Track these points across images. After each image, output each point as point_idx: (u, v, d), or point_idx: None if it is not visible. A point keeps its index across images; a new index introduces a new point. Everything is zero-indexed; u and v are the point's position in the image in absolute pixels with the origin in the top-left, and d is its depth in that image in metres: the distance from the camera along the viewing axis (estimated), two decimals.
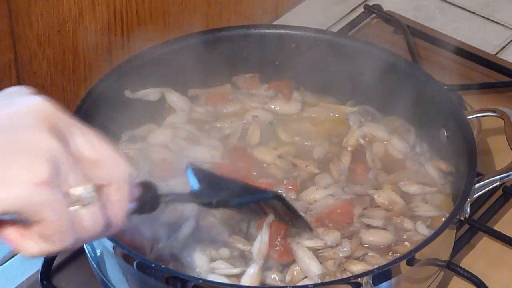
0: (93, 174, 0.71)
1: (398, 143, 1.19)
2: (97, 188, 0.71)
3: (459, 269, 1.12)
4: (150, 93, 1.22)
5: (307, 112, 1.25)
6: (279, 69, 1.27)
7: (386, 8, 1.56)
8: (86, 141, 0.71)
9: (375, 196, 1.11)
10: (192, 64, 1.23)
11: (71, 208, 0.69)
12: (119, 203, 0.73)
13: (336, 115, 1.24)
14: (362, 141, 1.19)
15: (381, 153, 1.18)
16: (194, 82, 1.25)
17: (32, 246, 0.69)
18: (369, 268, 1.01)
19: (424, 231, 1.07)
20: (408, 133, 1.21)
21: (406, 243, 1.06)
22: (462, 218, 1.06)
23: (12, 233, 0.69)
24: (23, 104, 0.69)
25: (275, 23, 1.54)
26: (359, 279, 0.95)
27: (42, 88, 1.27)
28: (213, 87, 1.27)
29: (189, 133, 1.20)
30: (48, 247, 0.69)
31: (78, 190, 0.69)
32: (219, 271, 1.01)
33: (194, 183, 0.96)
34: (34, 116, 0.68)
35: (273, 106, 1.25)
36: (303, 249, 1.03)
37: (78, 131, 0.71)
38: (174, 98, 1.23)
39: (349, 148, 1.19)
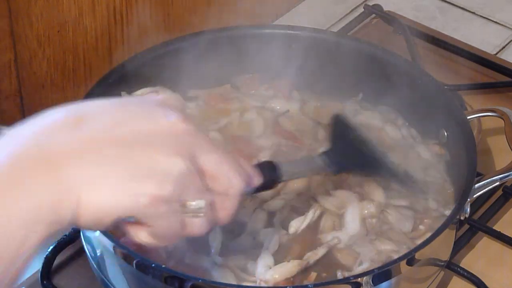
0: (209, 186, 0.78)
1: (391, 130, 1.21)
2: (210, 199, 0.78)
3: (459, 269, 1.12)
4: (145, 93, 1.22)
5: (307, 110, 1.25)
6: (279, 69, 1.27)
7: (386, 8, 1.56)
8: (210, 159, 0.78)
9: None
10: (192, 64, 1.23)
11: (184, 216, 0.77)
12: (227, 211, 0.80)
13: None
14: None
15: (375, 139, 1.19)
16: (194, 83, 1.25)
17: (143, 237, 0.77)
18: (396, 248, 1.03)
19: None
20: (398, 122, 1.22)
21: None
22: (462, 218, 1.06)
23: (131, 225, 0.77)
24: (164, 121, 0.76)
25: (275, 23, 1.54)
26: (359, 279, 0.95)
27: (42, 88, 1.27)
28: (213, 87, 1.27)
29: None
30: (155, 242, 0.78)
31: (194, 203, 0.77)
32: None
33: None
34: (170, 135, 0.76)
35: (273, 105, 1.25)
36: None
37: (205, 149, 0.78)
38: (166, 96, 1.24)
39: None
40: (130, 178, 0.73)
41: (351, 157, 1.07)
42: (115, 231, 0.97)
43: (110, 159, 0.72)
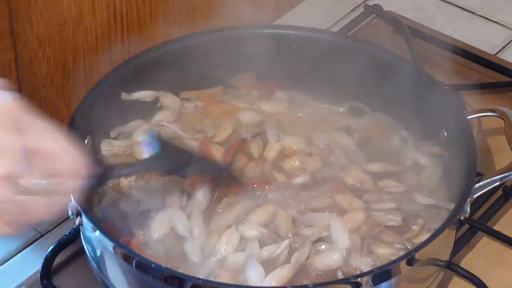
0: (47, 166, 0.77)
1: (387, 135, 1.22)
2: (49, 178, 0.78)
3: (459, 269, 1.12)
4: (146, 95, 1.22)
5: (295, 111, 1.26)
6: (278, 69, 1.27)
7: (386, 8, 1.56)
8: (46, 137, 0.77)
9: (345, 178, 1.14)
10: (192, 64, 1.23)
11: (23, 197, 0.76)
12: (68, 192, 0.80)
13: (325, 114, 1.25)
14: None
15: None
16: (194, 83, 1.25)
17: None
18: (394, 252, 1.03)
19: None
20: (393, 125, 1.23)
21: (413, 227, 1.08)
22: (462, 218, 1.06)
23: None
24: None
25: (275, 23, 1.54)
26: (359, 279, 0.95)
27: (42, 88, 1.27)
28: (212, 87, 1.27)
29: (172, 132, 1.20)
30: (3, 229, 0.77)
31: (33, 183, 0.76)
32: None
33: (154, 148, 1.06)
34: (3, 116, 0.75)
35: (261, 106, 1.25)
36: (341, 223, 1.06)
37: (38, 127, 0.77)
38: (167, 100, 1.24)
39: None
40: None
41: (175, 161, 1.08)
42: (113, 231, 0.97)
43: None
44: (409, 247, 1.05)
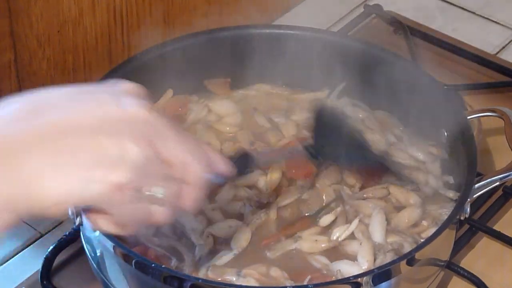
0: (173, 175, 0.77)
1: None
2: (175, 188, 0.77)
3: (459, 269, 1.12)
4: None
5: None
6: (278, 69, 1.27)
7: (386, 8, 1.56)
8: (174, 147, 0.77)
9: None
10: (192, 64, 1.23)
11: (144, 205, 0.76)
12: (193, 201, 0.79)
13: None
14: None
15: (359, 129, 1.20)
16: (194, 82, 1.26)
17: (103, 225, 0.78)
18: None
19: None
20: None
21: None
22: (462, 218, 1.06)
23: (93, 214, 0.77)
24: (123, 109, 0.75)
25: (275, 23, 1.54)
26: (359, 279, 0.95)
27: (42, 88, 1.27)
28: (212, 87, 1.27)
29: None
30: (117, 231, 0.78)
31: (156, 192, 0.76)
32: None
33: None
34: (130, 123, 0.74)
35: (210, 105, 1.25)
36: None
37: (169, 137, 0.76)
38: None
39: None
40: (86, 165, 0.72)
41: (334, 147, 1.08)
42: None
43: (66, 147, 0.72)
44: (420, 240, 1.06)
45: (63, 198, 0.72)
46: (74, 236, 1.13)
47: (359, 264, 1.03)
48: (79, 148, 0.72)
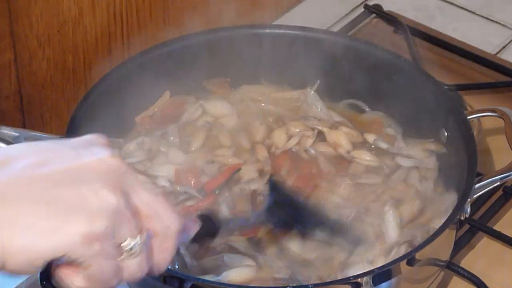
0: (144, 226, 0.75)
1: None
2: (146, 239, 0.75)
3: (459, 269, 1.12)
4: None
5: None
6: (279, 68, 1.27)
7: (386, 8, 1.56)
8: (144, 197, 0.75)
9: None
10: (192, 64, 1.23)
11: (119, 259, 0.74)
12: (165, 254, 0.77)
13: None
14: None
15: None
16: (194, 82, 1.25)
17: (78, 282, 0.73)
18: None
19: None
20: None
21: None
22: (462, 218, 1.06)
23: (64, 269, 0.73)
24: (93, 159, 0.74)
25: (275, 23, 1.54)
26: (359, 279, 0.95)
27: (42, 88, 1.27)
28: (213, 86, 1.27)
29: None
30: (91, 286, 0.74)
31: (129, 243, 0.74)
32: None
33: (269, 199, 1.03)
34: (100, 171, 0.73)
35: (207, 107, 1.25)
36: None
37: (139, 187, 0.75)
38: None
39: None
40: (57, 216, 0.69)
41: (291, 215, 1.06)
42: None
43: (34, 198, 0.69)
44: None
45: (38, 251, 0.69)
46: None
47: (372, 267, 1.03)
48: (53, 198, 0.70)
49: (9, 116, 1.25)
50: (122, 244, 0.73)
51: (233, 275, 1.01)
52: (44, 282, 1.10)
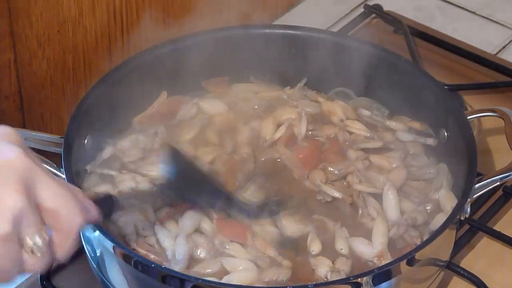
0: (47, 221, 0.77)
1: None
2: (47, 235, 0.78)
3: (459, 269, 1.12)
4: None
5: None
6: (279, 68, 1.27)
7: (386, 8, 1.56)
8: (49, 194, 0.76)
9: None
10: (192, 64, 1.23)
11: (17, 252, 0.75)
12: (66, 247, 0.79)
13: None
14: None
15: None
16: (194, 82, 1.26)
17: None
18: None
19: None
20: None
21: None
22: (462, 218, 1.06)
23: None
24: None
25: (275, 23, 1.54)
26: (359, 279, 0.95)
27: (42, 88, 1.27)
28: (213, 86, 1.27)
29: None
30: None
31: (33, 240, 0.76)
32: None
33: (170, 171, 1.02)
34: (4, 171, 0.74)
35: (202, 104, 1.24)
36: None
37: (44, 184, 0.76)
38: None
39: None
40: None
41: (191, 187, 1.06)
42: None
43: None
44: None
45: None
46: None
47: (373, 244, 1.05)
48: None
49: (9, 116, 1.25)
50: (24, 242, 0.75)
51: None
52: (44, 282, 1.11)
